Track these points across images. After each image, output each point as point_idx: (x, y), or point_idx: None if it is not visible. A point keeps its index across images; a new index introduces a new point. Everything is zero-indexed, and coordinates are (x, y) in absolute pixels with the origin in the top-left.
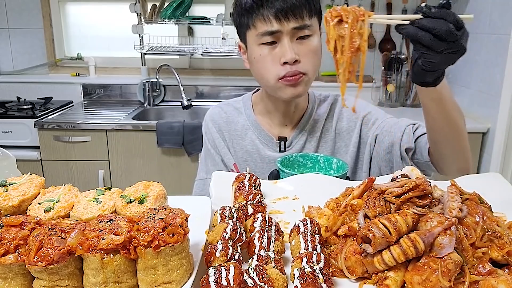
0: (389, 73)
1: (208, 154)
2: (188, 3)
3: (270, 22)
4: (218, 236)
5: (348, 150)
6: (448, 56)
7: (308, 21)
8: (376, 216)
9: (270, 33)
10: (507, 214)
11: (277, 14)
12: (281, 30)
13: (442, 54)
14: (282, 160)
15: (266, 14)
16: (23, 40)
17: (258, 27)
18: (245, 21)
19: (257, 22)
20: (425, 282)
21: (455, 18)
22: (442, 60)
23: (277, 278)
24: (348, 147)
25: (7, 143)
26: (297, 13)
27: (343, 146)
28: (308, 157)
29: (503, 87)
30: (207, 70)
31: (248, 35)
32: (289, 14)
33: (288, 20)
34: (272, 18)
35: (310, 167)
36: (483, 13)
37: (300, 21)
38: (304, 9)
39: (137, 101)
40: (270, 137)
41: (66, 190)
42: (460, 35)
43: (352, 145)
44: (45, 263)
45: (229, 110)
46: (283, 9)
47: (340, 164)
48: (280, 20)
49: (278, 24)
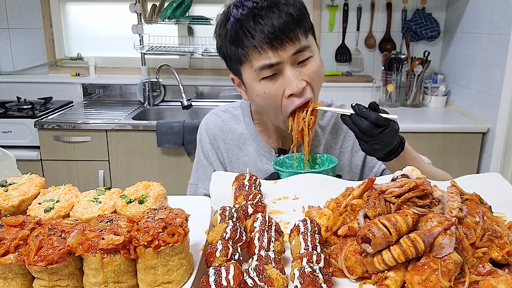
0: (389, 73)
1: (200, 163)
2: (188, 3)
3: (266, 54)
4: (218, 236)
5: (351, 170)
6: (372, 146)
7: (305, 41)
8: (376, 216)
9: (270, 66)
10: (507, 214)
11: (271, 42)
12: (280, 61)
13: (368, 143)
14: (276, 163)
15: (259, 45)
16: (23, 40)
17: (254, 60)
18: (235, 55)
19: (250, 55)
20: (425, 282)
21: (375, 118)
22: (369, 148)
23: (277, 278)
24: (351, 166)
25: (7, 143)
26: (292, 36)
27: (346, 165)
28: (292, 157)
29: (503, 87)
30: (207, 70)
31: (242, 70)
32: (284, 40)
33: (284, 47)
34: (267, 48)
35: (296, 166)
36: (483, 13)
37: (297, 44)
38: (298, 29)
39: (137, 101)
40: (270, 149)
41: (66, 190)
42: (378, 132)
43: (354, 167)
44: (45, 263)
45: (227, 117)
46: (275, 33)
47: (324, 158)
48: (277, 49)
49: (276, 54)
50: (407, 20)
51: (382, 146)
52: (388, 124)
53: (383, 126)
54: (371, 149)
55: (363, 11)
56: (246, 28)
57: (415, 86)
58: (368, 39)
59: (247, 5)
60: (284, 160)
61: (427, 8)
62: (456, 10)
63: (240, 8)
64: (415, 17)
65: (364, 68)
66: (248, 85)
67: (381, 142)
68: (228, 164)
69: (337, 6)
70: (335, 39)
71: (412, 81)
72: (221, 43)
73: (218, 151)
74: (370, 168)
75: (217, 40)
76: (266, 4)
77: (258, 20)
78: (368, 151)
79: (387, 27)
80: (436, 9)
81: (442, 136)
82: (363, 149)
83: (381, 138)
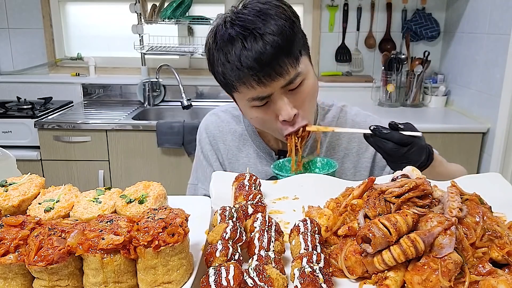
0: (389, 73)
1: (199, 164)
2: (188, 3)
3: (254, 89)
4: (218, 236)
5: (356, 173)
6: (400, 166)
7: (296, 69)
8: (376, 216)
9: (260, 98)
10: (507, 214)
11: (260, 79)
12: (270, 93)
13: (395, 163)
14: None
15: (247, 81)
16: (23, 40)
17: (243, 93)
18: (224, 83)
19: (239, 88)
20: (425, 282)
21: (399, 138)
22: (398, 167)
23: (277, 278)
24: (356, 168)
25: (7, 143)
26: (282, 70)
27: (351, 168)
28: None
29: (503, 87)
30: (207, 70)
31: (234, 95)
32: (272, 75)
33: (274, 81)
34: (256, 84)
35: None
36: (483, 13)
37: (287, 76)
38: (287, 60)
39: (137, 101)
40: (270, 150)
41: (66, 190)
42: (405, 151)
43: (363, 169)
44: (45, 263)
45: (227, 118)
46: (263, 70)
47: (325, 162)
48: (265, 84)
49: (265, 89)
50: (407, 20)
51: (412, 164)
52: (414, 142)
53: (408, 144)
54: (400, 168)
55: (363, 11)
56: (233, 62)
57: (415, 86)
58: (368, 39)
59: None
60: (283, 163)
61: (427, 8)
62: (456, 10)
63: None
64: (415, 17)
65: (364, 68)
66: (241, 107)
67: (409, 161)
68: (227, 165)
69: (337, 6)
70: (335, 39)
71: (412, 81)
72: (209, 65)
73: (217, 152)
74: (381, 167)
75: (207, 61)
76: (251, 34)
77: (244, 54)
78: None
79: (387, 27)
80: (436, 9)
81: (442, 136)
82: (391, 167)
83: (407, 157)
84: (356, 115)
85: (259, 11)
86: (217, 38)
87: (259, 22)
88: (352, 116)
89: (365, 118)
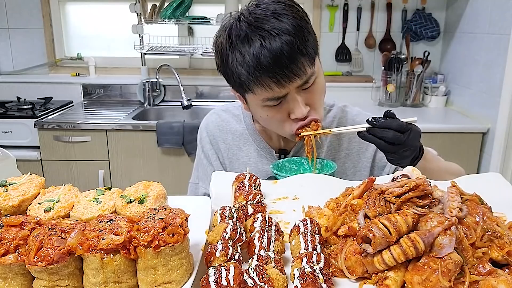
0: (389, 73)
1: (200, 163)
2: (188, 3)
3: (272, 90)
4: (218, 236)
5: (356, 172)
6: (401, 154)
7: (312, 69)
8: (376, 216)
9: (276, 98)
10: (507, 214)
11: (279, 81)
12: (287, 93)
13: (397, 153)
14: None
15: (265, 83)
16: (23, 40)
17: (258, 94)
18: (238, 83)
19: (255, 89)
20: (425, 282)
21: (398, 124)
22: (398, 157)
23: (277, 278)
24: (356, 168)
25: (7, 143)
26: (300, 71)
27: (351, 167)
28: (293, 161)
29: (503, 87)
30: (207, 70)
31: (247, 96)
32: (291, 76)
33: (291, 81)
34: (274, 85)
35: (295, 170)
36: (483, 13)
37: (304, 76)
38: (305, 61)
39: (137, 101)
40: (270, 150)
41: (66, 190)
42: (405, 137)
43: (363, 169)
44: (45, 263)
45: (227, 117)
46: (282, 70)
47: (324, 163)
48: (283, 85)
49: (282, 89)
50: (407, 20)
51: (410, 152)
52: (411, 128)
53: (407, 130)
54: (400, 157)
55: (363, 11)
56: (251, 62)
57: (415, 86)
58: (368, 39)
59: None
60: (283, 164)
61: (427, 8)
62: (456, 10)
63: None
64: (415, 17)
65: (364, 68)
66: (251, 107)
67: (409, 147)
68: (228, 165)
69: (337, 6)
70: (335, 39)
71: (412, 81)
72: (221, 65)
73: (218, 151)
74: (380, 168)
75: (216, 59)
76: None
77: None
78: (397, 160)
79: (387, 27)
80: (436, 9)
81: (442, 136)
82: (390, 161)
83: (407, 143)
84: (357, 115)
85: (274, 11)
86: (232, 38)
87: (275, 22)
88: (353, 116)
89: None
